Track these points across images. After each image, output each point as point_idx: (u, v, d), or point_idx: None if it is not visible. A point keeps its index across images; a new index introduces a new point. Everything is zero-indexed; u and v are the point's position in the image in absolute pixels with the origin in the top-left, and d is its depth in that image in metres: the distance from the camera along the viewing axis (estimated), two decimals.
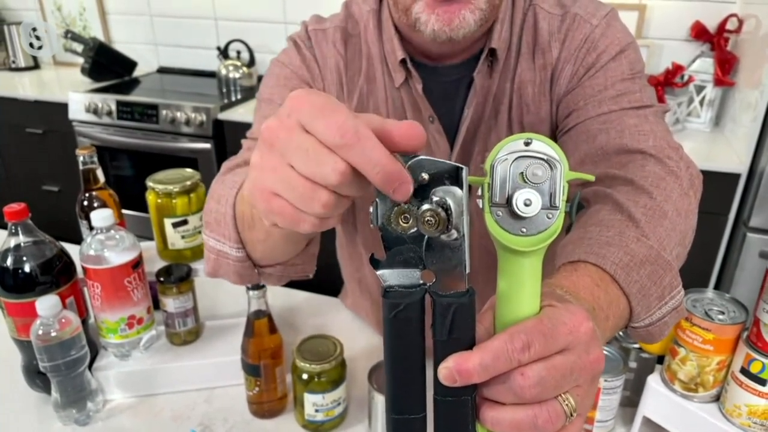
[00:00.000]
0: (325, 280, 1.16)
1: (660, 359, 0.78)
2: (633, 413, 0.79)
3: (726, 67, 1.96)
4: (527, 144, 0.36)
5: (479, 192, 0.37)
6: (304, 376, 0.76)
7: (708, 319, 0.68)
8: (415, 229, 0.37)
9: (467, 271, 0.37)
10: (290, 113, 0.36)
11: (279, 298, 1.10)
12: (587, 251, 0.53)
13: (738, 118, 1.89)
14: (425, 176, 0.37)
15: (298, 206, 0.38)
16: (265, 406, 0.82)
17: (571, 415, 0.37)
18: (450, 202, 0.36)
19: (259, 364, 0.79)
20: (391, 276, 0.38)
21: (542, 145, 0.36)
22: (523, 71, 0.77)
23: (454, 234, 0.37)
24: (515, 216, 0.36)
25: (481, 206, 0.37)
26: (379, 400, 0.74)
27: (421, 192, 0.37)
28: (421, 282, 0.38)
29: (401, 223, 0.37)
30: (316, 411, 0.78)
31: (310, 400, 0.77)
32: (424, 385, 0.39)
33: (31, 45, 2.85)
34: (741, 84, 1.93)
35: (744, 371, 0.67)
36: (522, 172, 0.36)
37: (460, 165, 0.36)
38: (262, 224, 0.57)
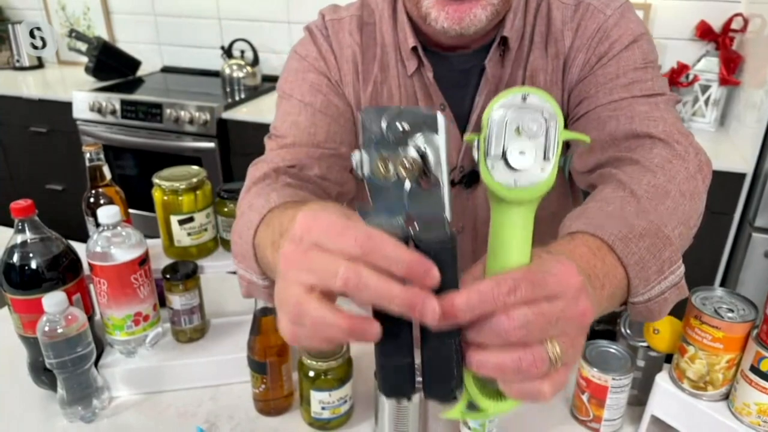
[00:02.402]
0: None
1: (668, 358, 0.77)
2: (641, 412, 0.79)
3: (731, 66, 1.96)
4: (524, 98, 0.37)
5: (476, 145, 0.38)
6: (311, 374, 0.76)
7: (717, 317, 0.68)
8: (397, 176, 0.39)
9: (447, 216, 0.39)
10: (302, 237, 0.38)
11: None
12: (586, 223, 0.53)
13: (743, 117, 1.89)
14: (405, 125, 0.39)
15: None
16: (271, 404, 0.82)
17: (556, 362, 0.37)
18: (427, 148, 0.39)
19: (265, 362, 0.79)
20: (377, 225, 0.38)
21: (539, 100, 0.37)
22: (535, 59, 0.78)
23: (433, 180, 0.39)
24: (509, 168, 0.37)
25: (476, 158, 0.38)
26: (386, 398, 0.74)
27: (402, 141, 0.39)
28: (405, 229, 0.38)
29: (382, 170, 0.39)
30: (323, 408, 0.78)
31: (317, 397, 0.77)
32: (411, 330, 0.39)
33: (33, 46, 2.85)
34: (746, 83, 1.93)
35: (754, 369, 0.66)
36: (518, 126, 0.37)
37: (437, 113, 0.39)
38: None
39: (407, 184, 0.39)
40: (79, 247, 0.83)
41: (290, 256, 0.38)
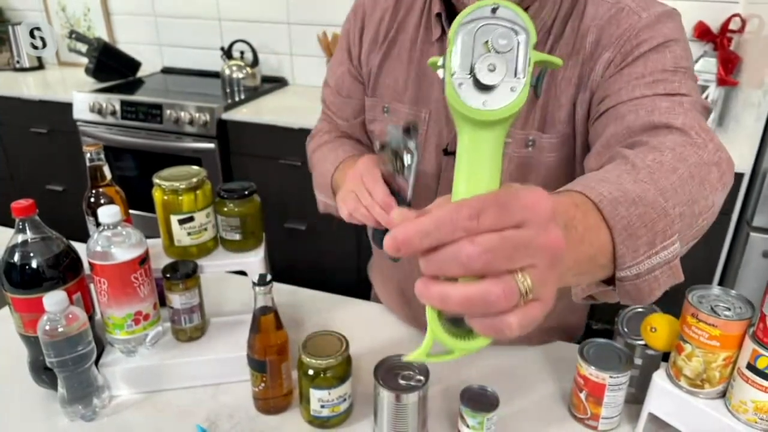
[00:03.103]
0: (331, 279, 1.16)
1: (665, 356, 0.78)
2: (638, 410, 0.79)
3: (729, 66, 1.96)
4: (494, 11, 0.35)
5: (442, 63, 0.36)
6: (310, 372, 0.77)
7: (714, 315, 0.68)
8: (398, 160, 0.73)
9: (410, 190, 0.74)
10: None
11: (285, 294, 1.10)
12: (576, 184, 0.50)
13: (741, 117, 1.89)
14: (396, 134, 0.72)
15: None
16: (270, 402, 0.83)
17: (527, 294, 0.34)
18: (404, 151, 0.72)
19: (264, 360, 0.79)
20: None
21: (509, 13, 0.35)
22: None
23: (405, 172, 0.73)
24: (478, 86, 0.35)
25: (442, 77, 0.36)
26: (385, 396, 0.74)
27: (401, 142, 0.72)
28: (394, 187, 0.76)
29: (386, 159, 0.75)
30: (322, 407, 0.78)
31: (316, 395, 0.77)
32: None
33: (33, 46, 2.86)
34: (744, 84, 1.93)
35: (750, 367, 0.67)
36: (487, 41, 0.35)
37: (414, 125, 0.71)
38: None
39: (398, 165, 0.73)
40: (79, 247, 0.84)
41: (348, 179, 0.82)
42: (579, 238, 0.43)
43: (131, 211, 0.97)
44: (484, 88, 0.35)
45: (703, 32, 2.05)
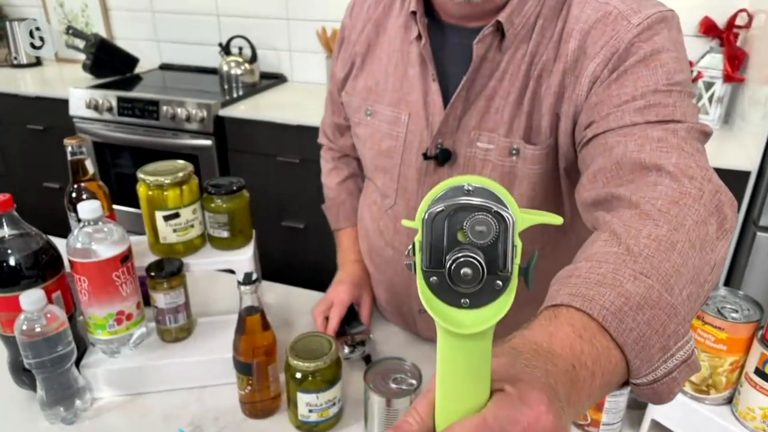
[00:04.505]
0: (329, 279, 1.13)
1: None
2: (641, 416, 0.76)
3: (735, 63, 1.93)
4: (468, 191, 0.29)
5: (410, 252, 0.30)
6: (298, 375, 0.74)
7: (721, 317, 0.65)
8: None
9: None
10: None
11: (277, 294, 1.07)
12: (573, 293, 0.44)
13: (748, 115, 1.85)
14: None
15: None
16: (257, 406, 0.80)
17: None
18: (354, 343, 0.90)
19: (251, 363, 0.76)
20: None
21: (487, 193, 0.29)
22: (548, 60, 0.72)
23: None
24: (454, 285, 0.29)
25: (412, 270, 0.30)
26: (376, 400, 0.71)
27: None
28: None
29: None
30: (310, 411, 0.75)
31: (304, 399, 0.74)
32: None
33: (33, 45, 2.84)
34: (751, 80, 1.89)
35: (759, 372, 0.64)
36: (462, 228, 0.29)
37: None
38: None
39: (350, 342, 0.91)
40: (61, 244, 0.81)
41: (330, 292, 0.95)
42: (590, 374, 0.40)
43: (127, 209, 0.94)
44: (462, 286, 0.29)
45: (709, 28, 2.01)
